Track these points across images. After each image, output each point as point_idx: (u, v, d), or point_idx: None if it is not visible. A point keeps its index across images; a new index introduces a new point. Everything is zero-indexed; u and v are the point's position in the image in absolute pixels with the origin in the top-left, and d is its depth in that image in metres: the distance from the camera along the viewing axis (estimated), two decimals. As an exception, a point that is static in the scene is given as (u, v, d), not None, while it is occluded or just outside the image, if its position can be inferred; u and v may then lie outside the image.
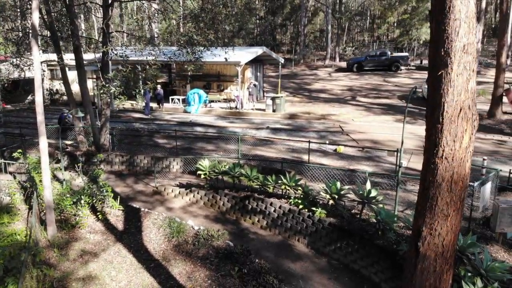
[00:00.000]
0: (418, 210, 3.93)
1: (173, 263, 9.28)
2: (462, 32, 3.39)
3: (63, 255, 9.80)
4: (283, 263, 9.18)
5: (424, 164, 3.80)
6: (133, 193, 12.90)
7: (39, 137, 9.80)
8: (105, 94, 12.01)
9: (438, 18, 3.47)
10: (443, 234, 3.65)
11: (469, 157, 3.68)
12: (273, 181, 10.80)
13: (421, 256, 3.74)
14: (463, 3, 3.35)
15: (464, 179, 3.69)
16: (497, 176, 9.84)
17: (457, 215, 3.70)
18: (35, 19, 9.10)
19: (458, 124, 3.51)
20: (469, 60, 3.47)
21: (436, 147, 3.59)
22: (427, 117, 3.80)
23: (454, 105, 3.49)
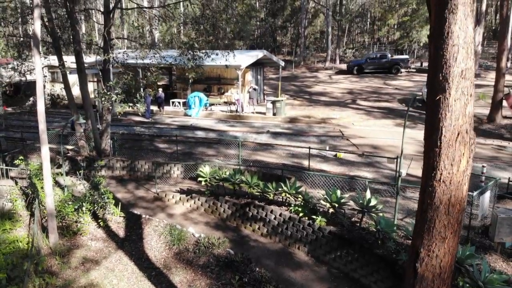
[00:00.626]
0: (416, 231, 3.98)
1: (174, 271, 9.33)
2: (460, 58, 3.44)
3: (65, 262, 9.86)
4: (284, 271, 9.23)
5: (422, 187, 3.85)
6: (134, 199, 12.95)
7: (41, 146, 9.86)
8: (107, 101, 12.06)
9: (436, 43, 3.52)
10: (440, 256, 3.71)
11: (467, 181, 3.74)
12: (273, 189, 10.85)
13: (419, 277, 3.80)
14: (461, 29, 3.40)
15: (461, 202, 3.75)
16: (496, 185, 9.88)
17: (454, 237, 3.75)
18: (37, 29, 9.16)
19: (455, 148, 3.56)
20: (467, 85, 3.53)
21: (434, 170, 3.65)
22: (425, 139, 3.85)
23: (452, 129, 3.54)
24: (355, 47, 50.75)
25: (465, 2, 3.41)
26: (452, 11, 3.41)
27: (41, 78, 9.32)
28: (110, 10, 12.95)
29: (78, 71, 14.57)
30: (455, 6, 3.40)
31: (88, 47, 15.93)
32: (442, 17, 3.46)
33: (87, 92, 15.03)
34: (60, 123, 23.01)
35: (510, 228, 8.40)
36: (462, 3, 3.41)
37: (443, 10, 3.45)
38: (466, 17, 3.44)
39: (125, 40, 37.98)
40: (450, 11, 3.42)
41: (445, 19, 3.44)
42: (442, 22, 3.46)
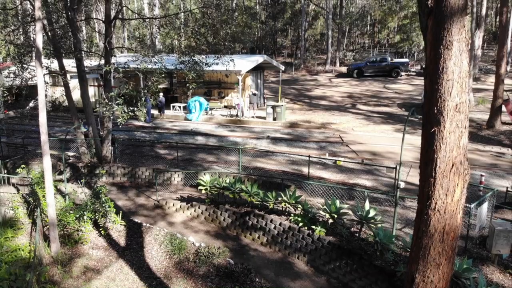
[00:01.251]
0: (412, 257, 4.08)
1: (175, 281, 9.43)
2: (454, 92, 3.53)
3: (66, 272, 9.95)
4: (283, 281, 9.33)
5: (418, 214, 3.95)
6: (135, 206, 13.05)
7: (43, 156, 9.95)
8: (108, 112, 12.15)
9: (432, 77, 3.61)
10: (435, 282, 3.81)
11: (461, 209, 3.83)
12: (273, 198, 10.95)
13: (415, 302, 3.90)
14: (456, 65, 3.49)
15: (455, 230, 3.85)
16: (494, 196, 9.97)
17: (448, 263, 3.85)
18: (38, 41, 9.25)
19: (450, 178, 3.66)
20: (461, 118, 3.62)
21: (429, 200, 3.75)
22: (420, 168, 3.95)
23: (447, 161, 3.64)
24: (355, 50, 50.84)
25: (460, 39, 3.50)
26: (447, 47, 3.50)
27: (43, 89, 9.41)
28: (111, 20, 13.06)
29: (79, 79, 14.68)
30: (450, 43, 3.50)
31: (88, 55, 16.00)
32: (438, 53, 3.56)
33: (89, 100, 15.13)
34: (61, 128, 23.14)
35: (507, 240, 8.50)
36: (457, 40, 3.50)
37: (439, 46, 3.54)
38: (461, 52, 3.53)
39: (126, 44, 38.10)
40: (445, 47, 3.51)
41: (440, 54, 3.54)
42: (438, 58, 3.56)
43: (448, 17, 3.44)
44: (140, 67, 12.17)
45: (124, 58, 18.60)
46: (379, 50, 47.50)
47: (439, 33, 3.53)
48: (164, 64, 13.00)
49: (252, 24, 39.64)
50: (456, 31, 3.47)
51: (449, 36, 3.48)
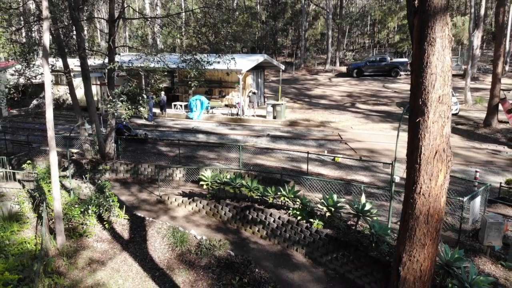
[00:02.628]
0: (399, 239, 4.38)
1: (177, 272, 9.74)
2: (437, 85, 3.82)
3: (72, 263, 10.26)
4: (282, 272, 9.63)
5: (405, 199, 4.25)
6: (138, 201, 13.36)
7: (49, 152, 10.26)
8: (112, 108, 12.47)
9: (417, 71, 3.91)
10: (420, 261, 4.11)
11: (444, 193, 4.13)
12: (272, 192, 11.25)
13: (402, 279, 4.20)
14: (439, 59, 3.79)
15: (439, 213, 4.14)
16: (487, 190, 10.26)
17: (433, 244, 4.15)
18: (46, 40, 9.56)
19: (434, 165, 3.96)
20: (444, 109, 3.91)
21: (414, 184, 4.05)
22: (407, 156, 4.25)
23: (430, 148, 3.94)
24: (355, 50, 51.13)
25: (443, 36, 3.80)
26: (431, 43, 3.80)
27: (49, 87, 9.72)
28: (115, 20, 13.36)
29: (83, 78, 14.99)
30: (433, 39, 3.79)
31: (92, 54, 16.31)
32: (422, 49, 3.86)
33: (92, 98, 15.44)
34: (64, 126, 23.45)
35: (498, 232, 8.79)
36: (440, 37, 3.79)
37: (423, 42, 3.84)
38: (443, 48, 3.82)
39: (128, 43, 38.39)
40: (429, 44, 3.81)
41: (424, 50, 3.84)
42: (422, 53, 3.86)
43: (431, 16, 3.74)
44: (143, 66, 12.47)
45: (127, 57, 18.91)
46: (378, 50, 47.79)
47: (423, 30, 3.83)
48: (166, 63, 13.31)
49: (253, 24, 40.00)
50: (439, 28, 3.77)
51: (432, 33, 3.78)
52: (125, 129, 18.76)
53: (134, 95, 11.42)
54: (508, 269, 8.55)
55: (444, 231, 9.97)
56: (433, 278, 7.85)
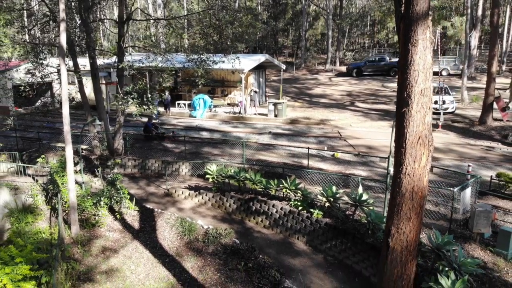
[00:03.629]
0: (388, 214, 5.00)
1: (186, 258, 10.37)
2: (420, 80, 4.44)
3: (86, 251, 10.90)
4: (284, 258, 10.26)
5: (393, 179, 4.87)
6: (146, 194, 13.99)
7: (65, 145, 10.92)
8: (123, 105, 13.10)
9: (402, 68, 4.53)
10: (407, 232, 4.72)
11: (426, 174, 4.75)
12: (275, 185, 11.87)
13: (391, 249, 4.80)
14: (421, 58, 4.40)
15: (422, 190, 4.76)
16: (477, 182, 10.88)
17: (417, 218, 4.77)
18: (62, 41, 10.20)
19: (417, 149, 4.57)
20: (425, 101, 4.52)
21: (401, 166, 4.66)
22: (395, 141, 4.86)
23: (414, 134, 4.55)
24: (355, 50, 51.76)
25: (424, 38, 4.41)
26: (414, 44, 4.42)
27: (65, 85, 10.35)
28: (124, 21, 13.99)
29: (92, 76, 15.63)
30: (416, 41, 4.41)
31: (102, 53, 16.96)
32: (407, 49, 4.47)
33: (101, 96, 16.09)
34: (70, 124, 24.03)
35: (487, 220, 9.42)
36: (422, 39, 4.41)
37: (407, 43, 4.46)
38: (425, 49, 4.44)
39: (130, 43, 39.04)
40: (412, 45, 4.43)
41: (409, 50, 4.45)
42: (406, 53, 4.47)
43: (414, 21, 4.34)
44: (151, 65, 13.09)
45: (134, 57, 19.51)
46: (378, 50, 48.40)
47: (407, 33, 4.43)
48: (173, 63, 13.93)
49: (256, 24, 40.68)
50: (421, 31, 4.37)
51: (415, 35, 4.39)
52: (153, 127, 19.35)
53: (143, 93, 12.04)
54: (496, 254, 9.17)
55: (437, 220, 10.61)
56: (424, 261, 8.51)
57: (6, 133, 21.28)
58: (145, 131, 18.94)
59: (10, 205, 13.76)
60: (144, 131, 19.03)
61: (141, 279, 9.72)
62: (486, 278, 8.28)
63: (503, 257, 8.98)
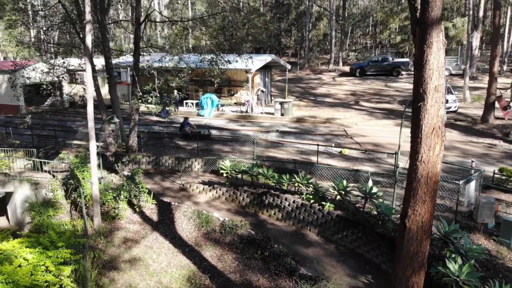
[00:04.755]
0: (405, 198, 5.56)
1: (204, 248, 10.94)
2: (434, 77, 4.99)
3: (108, 242, 11.47)
4: (298, 248, 10.81)
5: (409, 167, 5.42)
6: (162, 189, 14.54)
7: (89, 141, 11.49)
8: (143, 104, 13.65)
9: (418, 67, 5.09)
10: (422, 213, 5.27)
11: (439, 161, 5.30)
12: (287, 179, 12.43)
13: (407, 229, 5.36)
14: (435, 58, 4.96)
15: (436, 176, 5.32)
16: (481, 176, 11.43)
17: (431, 200, 5.32)
18: (88, 41, 10.76)
19: (431, 138, 5.12)
20: (439, 96, 5.08)
21: (417, 154, 5.22)
22: (411, 133, 5.42)
23: (429, 126, 5.11)
24: (358, 50, 52.33)
25: (438, 40, 4.97)
26: (429, 46, 4.97)
27: (91, 83, 10.91)
28: (141, 22, 14.55)
29: (108, 76, 16.18)
30: (430, 43, 4.97)
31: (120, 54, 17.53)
32: (422, 50, 5.03)
33: (116, 95, 16.64)
34: (82, 122, 24.67)
35: (491, 211, 9.97)
36: (436, 41, 4.97)
37: (423, 45, 5.02)
38: (438, 50, 4.99)
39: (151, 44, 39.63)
40: (427, 46, 4.99)
41: (424, 51, 5.01)
42: (422, 53, 5.03)
43: (429, 25, 4.90)
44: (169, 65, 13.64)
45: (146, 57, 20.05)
46: (380, 50, 48.97)
47: (423, 36, 4.99)
48: (187, 62, 14.48)
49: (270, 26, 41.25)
50: (435, 35, 4.93)
51: (430, 38, 4.94)
52: (189, 126, 19.70)
53: (163, 92, 12.59)
54: (499, 243, 9.72)
55: (443, 212, 11.15)
56: (432, 249, 9.07)
57: (20, 131, 21.89)
58: (181, 130, 19.16)
59: (31, 199, 14.36)
60: (180, 130, 19.28)
61: (164, 267, 10.29)
62: (490, 264, 8.83)
63: (506, 245, 9.53)
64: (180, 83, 14.20)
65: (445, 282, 7.81)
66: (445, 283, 7.80)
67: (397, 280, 5.70)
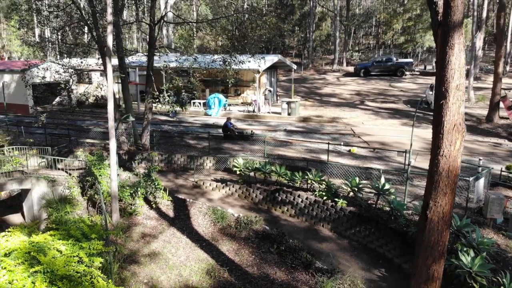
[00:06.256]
0: (426, 191, 5.89)
1: (221, 242, 11.27)
2: (456, 77, 5.32)
3: (127, 237, 11.80)
4: (312, 243, 11.14)
5: (431, 160, 5.76)
6: (176, 186, 14.88)
7: (109, 139, 11.82)
8: (161, 103, 13.98)
9: (440, 67, 5.41)
10: (443, 205, 5.60)
11: (460, 156, 5.63)
12: (300, 177, 12.76)
13: (429, 220, 5.68)
14: (457, 59, 5.29)
15: (456, 170, 5.65)
16: (489, 173, 11.76)
17: (452, 193, 5.65)
18: (109, 42, 11.09)
19: (452, 134, 5.45)
20: (460, 94, 5.41)
21: (439, 149, 5.54)
22: (433, 129, 5.75)
23: (450, 122, 5.43)
24: (361, 50, 52.65)
25: (459, 42, 5.30)
26: (451, 47, 5.31)
27: (111, 83, 11.24)
28: (156, 23, 14.88)
29: (122, 75, 16.52)
30: (453, 44, 5.30)
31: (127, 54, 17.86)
32: (444, 51, 5.36)
33: (129, 95, 16.98)
34: (91, 121, 25.04)
35: (500, 206, 10.31)
36: (457, 43, 5.30)
37: (445, 46, 5.35)
38: (460, 51, 5.32)
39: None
40: (449, 48, 5.32)
41: (446, 52, 5.34)
42: (444, 54, 5.35)
43: (451, 28, 5.23)
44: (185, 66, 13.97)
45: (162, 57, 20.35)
46: (384, 51, 49.30)
47: (445, 38, 5.31)
48: (200, 63, 14.82)
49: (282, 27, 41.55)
50: (457, 37, 5.26)
51: (452, 40, 5.27)
52: (232, 126, 19.58)
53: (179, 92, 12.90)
54: (508, 238, 10.05)
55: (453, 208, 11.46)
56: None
57: (31, 130, 22.26)
58: (224, 131, 19.14)
59: (48, 196, 14.68)
60: (223, 131, 19.25)
61: (183, 261, 10.62)
62: (499, 257, 9.15)
63: (514, 240, 9.85)
64: (194, 83, 14.53)
65: (458, 274, 8.14)
66: (458, 275, 8.12)
67: (417, 269, 6.02)
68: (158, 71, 17.58)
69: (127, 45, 51.37)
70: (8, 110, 28.64)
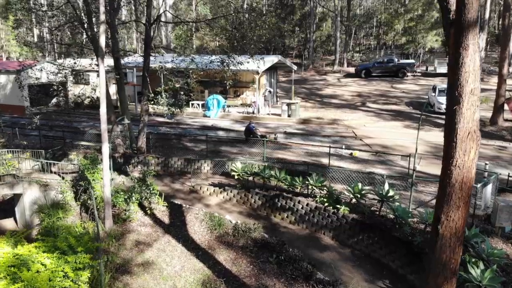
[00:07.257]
0: (438, 203, 5.44)
1: (218, 251, 10.81)
2: (470, 80, 4.88)
3: (120, 244, 11.35)
4: (312, 252, 10.68)
5: (443, 170, 5.31)
6: (172, 191, 14.43)
7: (102, 143, 11.37)
8: (156, 105, 13.55)
9: (453, 70, 4.97)
10: (456, 220, 5.15)
11: (474, 166, 5.19)
12: (300, 182, 12.31)
13: (440, 235, 5.24)
14: (471, 61, 4.84)
15: (471, 181, 5.20)
16: (497, 179, 11.31)
17: (465, 206, 5.20)
18: (102, 42, 10.66)
19: (467, 143, 5.01)
20: (474, 99, 4.97)
21: (451, 159, 5.10)
22: (445, 137, 5.30)
23: (464, 129, 4.99)
24: (362, 51, 52.19)
25: (474, 43, 4.86)
26: (465, 48, 4.86)
27: (104, 84, 10.79)
28: (152, 23, 14.45)
29: (117, 76, 16.08)
30: (467, 45, 4.85)
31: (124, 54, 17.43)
32: (458, 52, 4.91)
33: (125, 96, 16.55)
34: (88, 123, 24.58)
35: (509, 214, 9.84)
36: (472, 43, 4.86)
37: (459, 47, 4.90)
38: (474, 52, 4.88)
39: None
40: (463, 49, 4.87)
41: (460, 53, 4.89)
42: (458, 56, 4.91)
43: (465, 28, 4.79)
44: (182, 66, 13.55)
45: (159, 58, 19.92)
46: (385, 52, 48.84)
47: (459, 38, 4.88)
48: (197, 63, 14.38)
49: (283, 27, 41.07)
50: (471, 37, 4.82)
51: (466, 40, 4.83)
52: (255, 129, 18.95)
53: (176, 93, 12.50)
54: (517, 248, 9.59)
55: (459, 216, 11.00)
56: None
57: (26, 131, 21.80)
58: (246, 134, 18.63)
59: (40, 201, 14.23)
60: (245, 134, 18.71)
61: (177, 271, 10.17)
62: (509, 268, 8.70)
63: (525, 250, 9.39)
64: (192, 84, 14.10)
65: (467, 287, 7.69)
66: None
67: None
68: (155, 72, 17.17)
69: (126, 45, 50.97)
70: (4, 111, 28.17)
